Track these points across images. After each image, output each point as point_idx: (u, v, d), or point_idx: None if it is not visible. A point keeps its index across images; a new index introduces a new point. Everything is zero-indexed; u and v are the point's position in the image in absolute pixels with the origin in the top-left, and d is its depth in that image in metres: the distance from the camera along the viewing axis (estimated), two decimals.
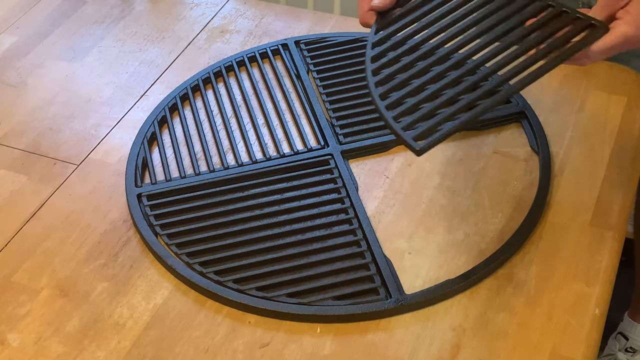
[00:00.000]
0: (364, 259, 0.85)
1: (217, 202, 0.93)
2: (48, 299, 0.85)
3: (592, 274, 0.84)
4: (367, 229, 0.88)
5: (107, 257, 0.89)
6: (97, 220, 0.93)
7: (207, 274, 0.85)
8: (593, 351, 0.78)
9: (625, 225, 0.90)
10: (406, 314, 0.81)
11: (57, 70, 1.16)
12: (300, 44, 1.15)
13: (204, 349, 0.79)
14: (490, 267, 0.84)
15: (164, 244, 0.89)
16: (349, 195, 0.92)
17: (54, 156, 1.02)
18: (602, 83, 1.06)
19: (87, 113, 1.08)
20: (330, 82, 1.08)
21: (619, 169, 0.94)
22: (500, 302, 0.82)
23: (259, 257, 0.86)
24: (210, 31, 1.21)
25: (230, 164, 0.98)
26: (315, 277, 0.84)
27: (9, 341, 0.81)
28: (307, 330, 0.81)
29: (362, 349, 0.79)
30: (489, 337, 0.79)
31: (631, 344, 1.44)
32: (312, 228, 0.89)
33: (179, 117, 1.06)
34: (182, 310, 0.83)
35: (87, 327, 0.82)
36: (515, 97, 1.03)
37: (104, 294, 0.85)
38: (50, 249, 0.90)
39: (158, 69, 1.15)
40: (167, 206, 0.93)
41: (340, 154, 0.97)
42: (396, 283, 0.83)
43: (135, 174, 0.97)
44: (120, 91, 1.11)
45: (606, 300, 0.82)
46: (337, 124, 1.02)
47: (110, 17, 1.25)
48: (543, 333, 0.79)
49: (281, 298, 0.82)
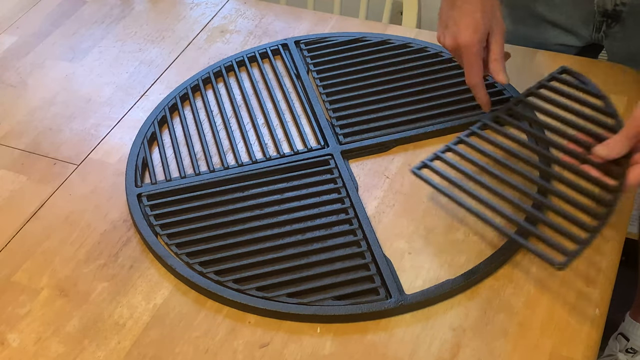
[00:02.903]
0: (364, 259, 0.85)
1: (217, 202, 0.93)
2: (48, 299, 0.85)
3: (592, 274, 0.84)
4: (367, 229, 0.88)
5: (107, 257, 0.89)
6: (97, 220, 0.93)
7: (207, 274, 0.85)
8: (593, 351, 0.78)
9: (626, 225, 0.90)
10: (406, 314, 0.81)
11: (57, 70, 1.16)
12: (300, 44, 1.15)
13: (204, 349, 0.79)
14: (490, 267, 0.84)
15: (164, 244, 0.89)
16: (349, 195, 0.92)
17: (54, 156, 1.02)
18: (602, 83, 1.05)
19: (87, 113, 1.08)
20: (330, 82, 1.08)
21: None
22: (500, 302, 0.82)
23: (259, 257, 0.86)
24: (210, 31, 1.21)
25: (230, 164, 0.98)
26: (315, 277, 0.84)
27: (9, 341, 0.81)
28: (307, 330, 0.81)
29: (362, 349, 0.79)
30: (489, 337, 0.79)
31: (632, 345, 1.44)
32: (312, 228, 0.89)
33: (179, 117, 1.06)
34: (182, 310, 0.83)
35: (87, 327, 0.82)
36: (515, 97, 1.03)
37: (104, 294, 0.85)
38: (50, 249, 0.90)
39: (158, 69, 1.15)
40: (167, 206, 0.93)
41: (340, 154, 0.97)
42: (396, 283, 0.83)
43: (135, 174, 0.97)
44: (120, 91, 1.11)
45: (606, 300, 0.82)
46: (337, 124, 1.02)
47: (110, 17, 1.25)
48: (543, 333, 0.79)
49: (281, 298, 0.82)
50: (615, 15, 1.08)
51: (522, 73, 1.08)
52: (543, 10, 1.14)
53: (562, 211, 0.83)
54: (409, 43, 1.13)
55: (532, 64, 1.11)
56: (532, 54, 1.12)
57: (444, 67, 1.08)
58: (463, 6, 0.92)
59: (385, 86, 1.06)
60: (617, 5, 1.07)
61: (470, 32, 0.91)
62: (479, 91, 0.95)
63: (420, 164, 0.89)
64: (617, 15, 1.08)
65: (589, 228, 0.80)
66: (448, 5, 0.94)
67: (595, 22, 1.11)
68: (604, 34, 1.12)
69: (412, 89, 1.05)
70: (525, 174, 0.87)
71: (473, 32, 0.91)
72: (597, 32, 1.12)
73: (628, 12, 1.07)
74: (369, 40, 1.14)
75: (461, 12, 0.92)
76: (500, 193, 0.85)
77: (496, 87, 1.05)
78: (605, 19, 1.10)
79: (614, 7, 1.08)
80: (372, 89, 1.06)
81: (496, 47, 0.94)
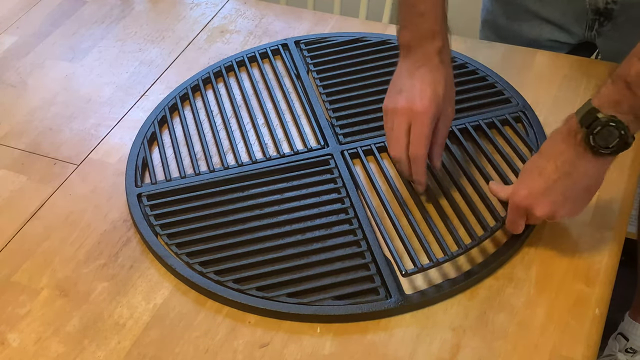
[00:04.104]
0: (364, 259, 0.85)
1: (217, 202, 0.93)
2: (48, 299, 0.85)
3: (592, 274, 0.84)
4: (367, 229, 0.88)
5: (107, 257, 0.89)
6: (97, 220, 0.93)
7: (207, 274, 0.85)
8: (593, 351, 0.78)
9: (625, 225, 0.90)
10: (406, 314, 0.81)
11: (57, 70, 1.16)
12: (300, 44, 1.15)
13: (204, 349, 0.79)
14: (490, 267, 0.84)
15: (164, 244, 0.88)
16: (349, 195, 0.92)
17: (54, 156, 1.02)
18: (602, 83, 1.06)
19: (87, 113, 1.08)
20: (330, 82, 1.08)
21: (619, 169, 0.94)
22: (500, 302, 0.82)
23: (259, 257, 0.86)
24: (210, 31, 1.21)
25: (230, 164, 0.98)
26: (315, 277, 0.84)
27: (9, 341, 0.81)
28: (307, 330, 0.80)
29: (362, 349, 0.79)
30: (489, 337, 0.79)
31: (631, 345, 1.44)
32: (312, 228, 0.89)
33: (179, 117, 1.06)
34: (182, 310, 0.83)
35: (87, 327, 0.82)
36: (515, 97, 1.03)
37: (104, 294, 0.85)
38: (50, 249, 0.90)
39: (158, 69, 1.15)
40: (167, 206, 0.93)
41: (340, 154, 0.97)
42: (396, 283, 0.83)
43: (135, 174, 0.97)
44: (120, 91, 1.11)
45: (606, 300, 0.82)
46: (337, 124, 1.02)
47: (110, 17, 1.25)
48: (543, 333, 0.79)
49: (281, 298, 0.82)
50: (607, 13, 1.09)
51: (522, 73, 1.08)
52: (537, 6, 1.15)
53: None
54: None
55: (532, 64, 1.11)
56: (532, 53, 1.12)
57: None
58: (425, 76, 0.87)
59: (385, 86, 1.06)
60: (609, 4, 1.07)
61: (428, 101, 0.85)
62: (421, 165, 0.88)
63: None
64: (608, 13, 1.09)
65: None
66: (406, 74, 0.89)
67: (588, 20, 1.11)
68: (597, 33, 1.12)
69: None
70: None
71: (431, 102, 0.86)
72: (590, 30, 1.13)
73: (619, 11, 1.07)
74: (369, 40, 1.14)
75: (422, 81, 0.87)
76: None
77: (496, 87, 1.05)
78: (597, 17, 1.10)
79: (606, 6, 1.08)
80: (372, 89, 1.06)
81: (443, 131, 0.89)
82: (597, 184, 0.82)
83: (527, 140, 0.97)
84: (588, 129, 0.76)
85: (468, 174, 0.93)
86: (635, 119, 0.76)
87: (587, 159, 0.78)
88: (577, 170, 0.79)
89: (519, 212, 0.83)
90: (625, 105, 0.76)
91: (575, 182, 0.80)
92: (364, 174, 0.96)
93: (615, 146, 0.76)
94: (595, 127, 0.76)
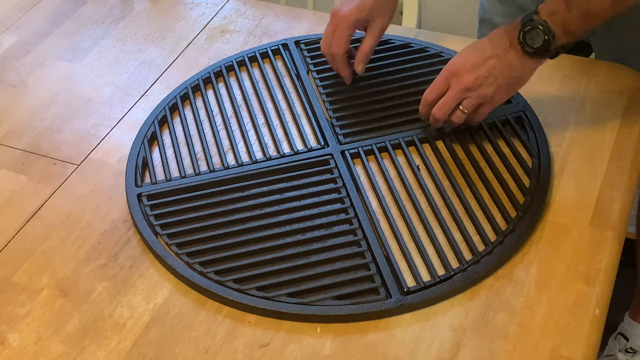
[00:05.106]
0: (364, 259, 0.85)
1: (217, 202, 0.93)
2: (48, 299, 0.85)
3: (592, 274, 0.84)
4: (367, 228, 0.88)
5: (107, 257, 0.89)
6: (97, 220, 0.93)
7: (207, 274, 0.85)
8: (593, 351, 0.78)
9: (626, 225, 0.90)
10: (406, 314, 0.81)
11: (57, 70, 1.16)
12: (300, 44, 1.15)
13: (204, 349, 0.79)
14: (490, 267, 0.84)
15: (164, 244, 0.89)
16: (349, 195, 0.92)
17: (54, 156, 1.02)
18: (602, 83, 1.06)
19: (87, 113, 1.08)
20: (330, 82, 1.08)
21: (619, 169, 0.94)
22: (500, 302, 0.82)
23: (259, 257, 0.86)
24: (210, 31, 1.21)
25: (231, 163, 0.98)
26: (315, 277, 0.84)
27: (9, 341, 0.81)
28: (307, 330, 0.81)
29: (362, 349, 0.79)
30: (489, 337, 0.79)
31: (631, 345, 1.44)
32: (312, 228, 0.89)
33: (179, 117, 1.06)
34: (182, 310, 0.83)
35: (87, 327, 0.82)
36: (515, 97, 1.03)
37: (104, 294, 0.85)
38: (50, 249, 0.90)
39: (158, 69, 1.15)
40: (167, 206, 0.93)
41: (340, 154, 0.97)
42: (396, 283, 0.83)
43: (136, 173, 0.97)
44: (120, 91, 1.11)
45: (606, 300, 0.82)
46: (337, 124, 1.02)
47: (110, 17, 1.25)
48: (543, 333, 0.79)
49: (281, 298, 0.82)
50: None
51: None
52: (531, 4, 1.14)
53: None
54: (409, 43, 1.13)
55: None
56: None
57: (444, 67, 1.08)
58: None
59: (385, 86, 1.06)
60: None
61: (349, 10, 0.98)
62: (339, 62, 1.02)
63: None
64: None
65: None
66: None
67: None
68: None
69: (413, 89, 1.05)
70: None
71: (353, 11, 0.98)
72: None
73: None
74: None
75: None
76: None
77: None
78: None
79: None
80: (372, 89, 1.06)
81: (369, 40, 1.01)
82: (519, 81, 0.92)
83: (527, 143, 0.97)
84: (522, 26, 0.88)
85: (468, 176, 0.93)
86: (564, 33, 0.88)
87: (515, 51, 0.89)
88: (506, 58, 0.90)
89: (447, 77, 0.92)
90: (558, 17, 0.87)
91: (502, 69, 0.90)
92: (364, 174, 0.96)
93: (538, 48, 0.88)
94: (527, 26, 0.88)
